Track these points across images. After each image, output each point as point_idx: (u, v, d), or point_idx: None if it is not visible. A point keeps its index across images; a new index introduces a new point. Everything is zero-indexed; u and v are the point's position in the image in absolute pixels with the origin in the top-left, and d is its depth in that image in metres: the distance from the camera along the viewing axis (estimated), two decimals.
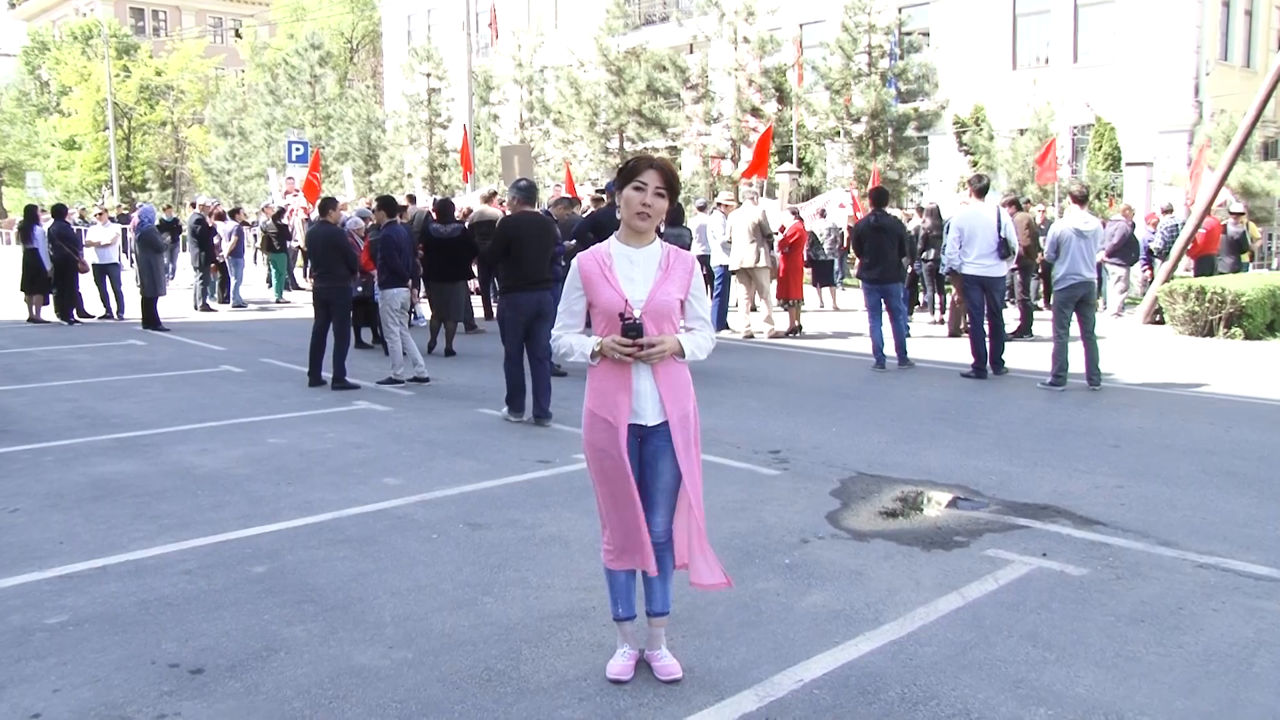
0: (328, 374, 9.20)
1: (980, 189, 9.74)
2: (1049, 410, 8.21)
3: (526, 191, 7.82)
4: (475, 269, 14.12)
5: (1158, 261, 15.65)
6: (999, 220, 9.52)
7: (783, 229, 13.90)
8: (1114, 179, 22.11)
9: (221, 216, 18.28)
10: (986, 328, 9.68)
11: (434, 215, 12.12)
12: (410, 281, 9.73)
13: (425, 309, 13.54)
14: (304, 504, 5.50)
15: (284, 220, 18.74)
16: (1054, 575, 4.38)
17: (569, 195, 14.16)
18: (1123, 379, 9.64)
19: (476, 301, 14.81)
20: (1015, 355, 10.53)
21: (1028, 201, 15.53)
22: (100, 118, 48.39)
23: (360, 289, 10.35)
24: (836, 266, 17.86)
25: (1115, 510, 5.35)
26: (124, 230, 20.54)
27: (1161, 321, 13.79)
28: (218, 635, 3.78)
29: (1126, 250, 15.09)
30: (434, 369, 10.09)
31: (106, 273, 15.38)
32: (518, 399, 7.63)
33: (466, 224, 13.55)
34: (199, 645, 3.70)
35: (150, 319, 13.86)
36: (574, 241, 10.11)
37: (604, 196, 12.14)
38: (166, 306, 14.98)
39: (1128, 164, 21.57)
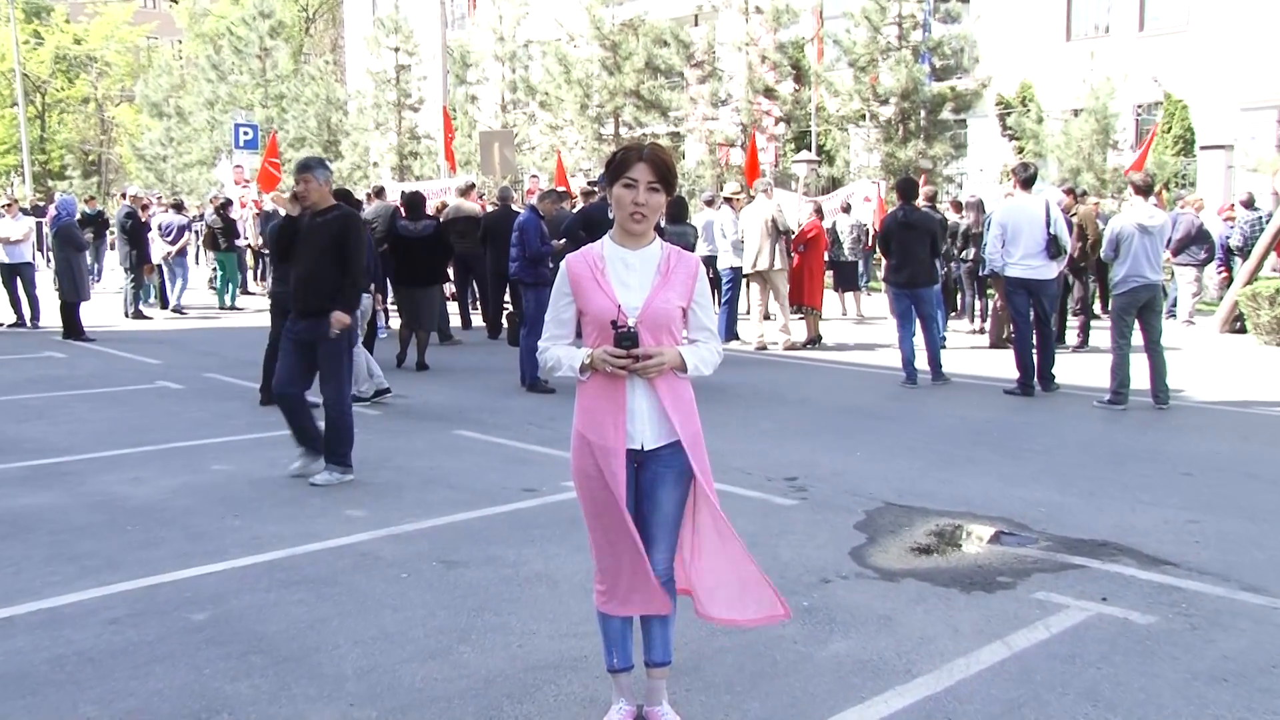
0: None
1: (1026, 179, 9.78)
2: (1108, 432, 8.22)
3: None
4: (451, 272, 14.22)
5: (1237, 260, 15.67)
6: (1048, 215, 9.55)
7: (799, 225, 13.97)
8: (1185, 165, 22.07)
9: (174, 208, 18.32)
10: (1034, 337, 9.71)
11: (403, 211, 12.16)
12: (373, 286, 9.80)
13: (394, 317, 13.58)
14: (253, 540, 5.50)
15: (230, 213, 18.76)
16: (1116, 623, 4.38)
17: (559, 188, 14.22)
18: (1195, 396, 9.65)
19: (452, 308, 14.88)
20: (1068, 369, 10.56)
21: (1083, 193, 15.59)
22: (7, 92, 48.16)
23: None
24: (861, 268, 17.92)
25: (1188, 549, 5.35)
26: (39, 224, 20.53)
27: (1242, 330, 13.82)
28: (148, 695, 3.77)
29: (1198, 247, 15.10)
30: (405, 385, 10.11)
31: (17, 274, 15.22)
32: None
33: (440, 220, 13.63)
34: (125, 707, 3.68)
35: (71, 327, 13.86)
36: (564, 241, 10.16)
37: (596, 189, 12.20)
38: (91, 313, 14.97)
39: (1202, 148, 21.50)
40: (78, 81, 51.52)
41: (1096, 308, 15.77)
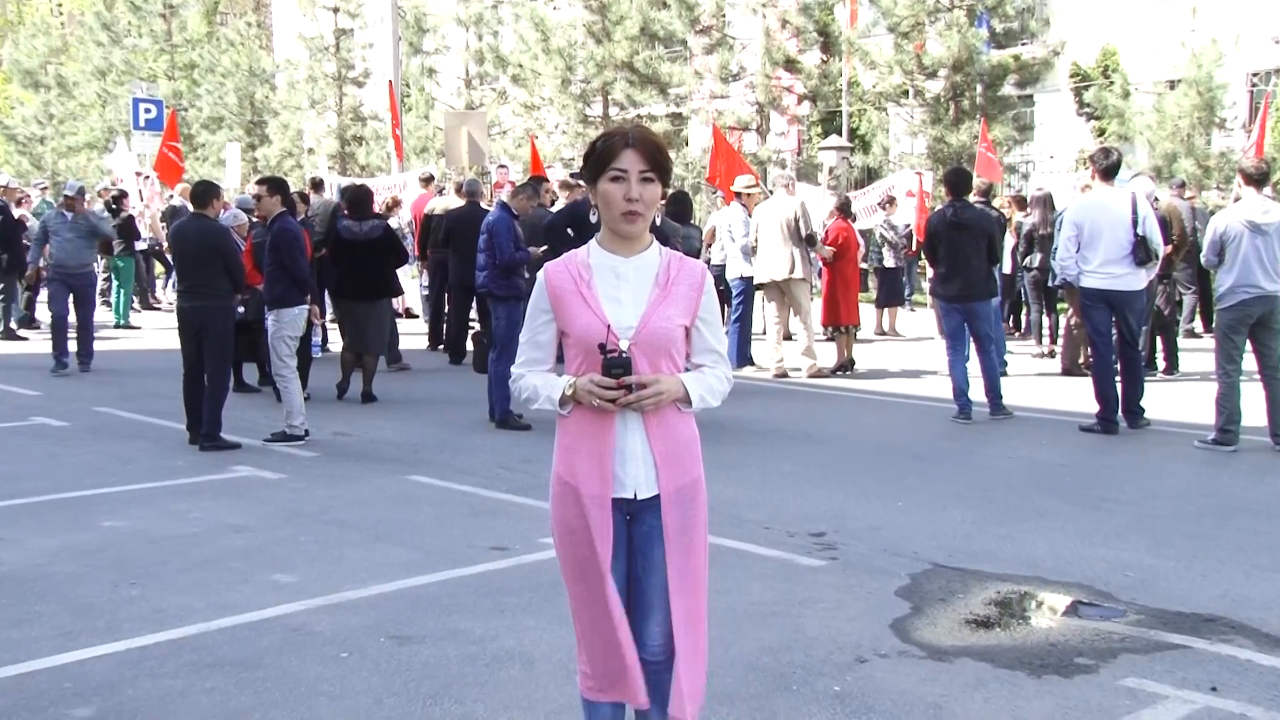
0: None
1: (1106, 168, 9.81)
2: (1213, 479, 8.22)
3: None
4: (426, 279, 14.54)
5: None
6: (1134, 212, 9.58)
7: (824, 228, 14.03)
8: None
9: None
10: (1117, 362, 9.73)
11: (345, 209, 12.19)
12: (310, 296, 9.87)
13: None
14: (155, 613, 5.47)
15: (126, 208, 18.79)
16: None
17: (537, 177, 14.27)
18: None
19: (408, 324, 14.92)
20: (1159, 400, 10.58)
21: (1181, 184, 15.64)
22: None
23: (242, 310, 10.41)
24: (904, 277, 17.97)
25: None
26: None
27: None
28: None
29: None
30: (348, 420, 10.11)
31: None
32: None
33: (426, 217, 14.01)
34: None
35: None
36: (543, 249, 10.14)
37: (580, 182, 12.25)
38: None
39: None
40: None
41: (1198, 325, 15.83)
